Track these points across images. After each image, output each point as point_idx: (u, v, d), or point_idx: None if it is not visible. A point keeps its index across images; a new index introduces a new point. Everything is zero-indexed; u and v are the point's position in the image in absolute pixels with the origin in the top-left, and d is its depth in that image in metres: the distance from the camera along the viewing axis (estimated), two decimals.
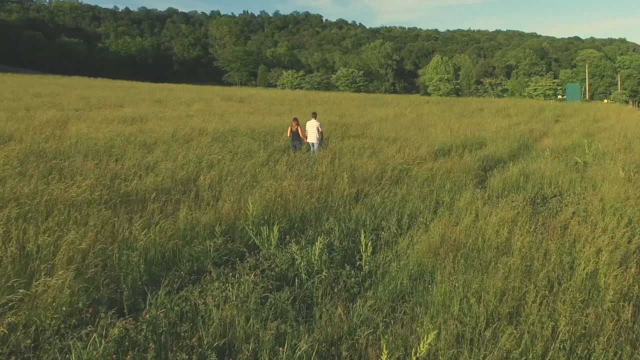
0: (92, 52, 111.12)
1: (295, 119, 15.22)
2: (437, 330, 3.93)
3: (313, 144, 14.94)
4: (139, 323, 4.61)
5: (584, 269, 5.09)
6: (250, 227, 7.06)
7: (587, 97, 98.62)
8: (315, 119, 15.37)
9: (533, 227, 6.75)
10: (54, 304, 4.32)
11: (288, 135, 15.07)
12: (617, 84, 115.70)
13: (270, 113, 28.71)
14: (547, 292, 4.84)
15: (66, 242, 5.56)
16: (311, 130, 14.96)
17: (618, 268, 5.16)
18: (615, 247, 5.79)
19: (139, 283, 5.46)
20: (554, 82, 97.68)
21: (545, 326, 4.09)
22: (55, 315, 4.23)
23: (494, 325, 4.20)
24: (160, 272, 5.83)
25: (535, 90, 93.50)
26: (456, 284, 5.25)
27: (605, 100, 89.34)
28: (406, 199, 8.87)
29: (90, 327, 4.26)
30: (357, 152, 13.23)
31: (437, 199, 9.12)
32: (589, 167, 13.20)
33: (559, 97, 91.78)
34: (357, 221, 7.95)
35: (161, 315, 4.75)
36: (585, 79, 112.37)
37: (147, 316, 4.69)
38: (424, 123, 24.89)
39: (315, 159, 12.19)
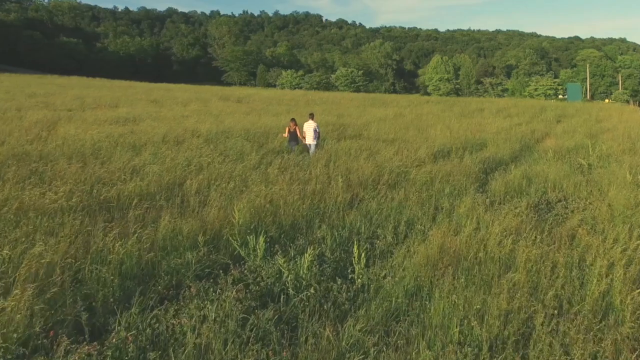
0: (91, 52, 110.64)
1: (293, 120, 15.00)
2: None
3: (311, 144, 14.76)
4: (104, 348, 4.16)
5: (596, 287, 4.63)
6: (236, 236, 6.62)
7: (588, 97, 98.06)
8: (312, 119, 15.19)
9: (539, 237, 6.28)
10: (4, 331, 3.86)
11: (285, 135, 14.85)
12: (617, 84, 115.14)
13: (267, 113, 28.26)
14: (556, 312, 4.38)
15: (32, 255, 5.11)
16: (309, 131, 14.81)
17: (635, 287, 4.71)
18: (629, 261, 5.34)
19: (111, 300, 5.01)
20: (554, 82, 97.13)
21: (558, 359, 3.65)
22: (4, 345, 3.77)
23: (499, 357, 3.74)
24: (136, 287, 5.38)
25: (536, 90, 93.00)
26: (456, 302, 4.80)
27: (607, 100, 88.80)
28: (403, 204, 8.42)
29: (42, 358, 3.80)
30: (353, 154, 12.78)
31: (436, 205, 8.67)
32: (593, 170, 12.75)
33: (560, 96, 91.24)
34: (351, 229, 7.50)
35: (130, 338, 4.30)
36: (585, 78, 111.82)
37: (114, 340, 4.24)
38: (424, 123, 24.44)
39: (310, 161, 11.74)
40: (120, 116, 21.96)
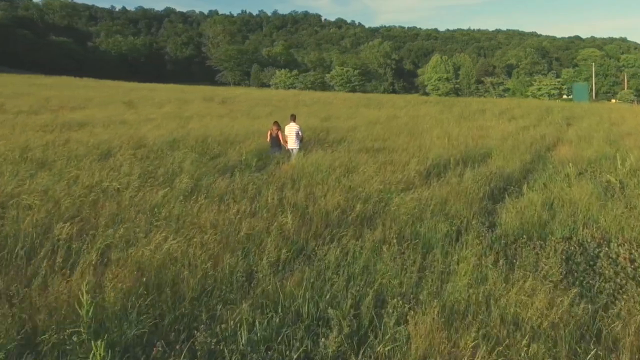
0: (82, 52, 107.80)
1: (276, 123, 13.55)
2: None
3: (293, 149, 13.13)
4: None
5: None
6: (83, 336, 3.91)
7: (593, 97, 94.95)
8: (294, 121, 13.60)
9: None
10: None
11: (268, 140, 13.40)
12: (620, 83, 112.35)
13: (246, 116, 25.59)
14: None
15: None
16: (290, 135, 13.27)
17: None
18: None
19: None
20: (558, 82, 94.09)
21: None
22: None
23: None
24: None
25: (539, 89, 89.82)
26: None
27: (613, 100, 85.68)
28: (373, 262, 5.69)
29: None
30: (323, 171, 10.05)
31: (423, 260, 5.93)
32: (629, 191, 10.02)
33: (564, 97, 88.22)
34: (289, 307, 4.79)
35: None
36: (587, 78, 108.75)
37: None
38: (419, 127, 21.74)
39: (262, 182, 9.01)
40: (72, 120, 19.32)
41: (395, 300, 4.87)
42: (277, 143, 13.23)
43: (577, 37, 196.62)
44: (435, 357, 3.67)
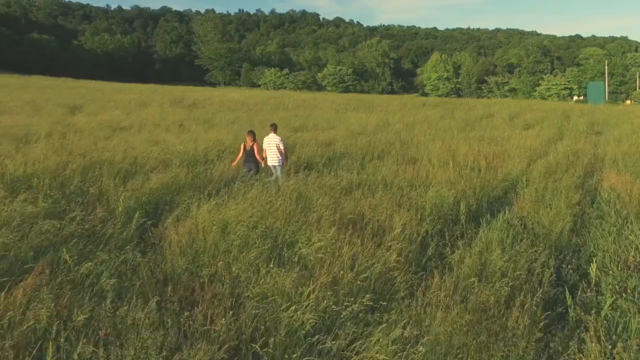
0: (65, 51, 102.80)
1: (251, 133, 11.10)
2: None
3: (275, 167, 10.91)
4: None
5: None
6: None
7: (606, 97, 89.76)
8: (274, 132, 11.21)
9: None
10: None
11: (240, 155, 10.98)
12: (627, 83, 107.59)
13: (204, 124, 20.93)
14: None
15: None
16: (269, 149, 10.92)
17: None
18: None
19: None
20: (568, 81, 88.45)
21: None
22: None
23: None
24: None
25: (548, 89, 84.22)
26: None
27: (628, 102, 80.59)
28: None
29: None
30: (231, 249, 5.37)
31: None
32: None
33: (575, 97, 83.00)
34: None
35: None
36: (593, 77, 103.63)
37: None
38: (414, 140, 17.14)
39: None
40: None
41: None
42: (252, 158, 10.80)
43: (578, 36, 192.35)
44: None
